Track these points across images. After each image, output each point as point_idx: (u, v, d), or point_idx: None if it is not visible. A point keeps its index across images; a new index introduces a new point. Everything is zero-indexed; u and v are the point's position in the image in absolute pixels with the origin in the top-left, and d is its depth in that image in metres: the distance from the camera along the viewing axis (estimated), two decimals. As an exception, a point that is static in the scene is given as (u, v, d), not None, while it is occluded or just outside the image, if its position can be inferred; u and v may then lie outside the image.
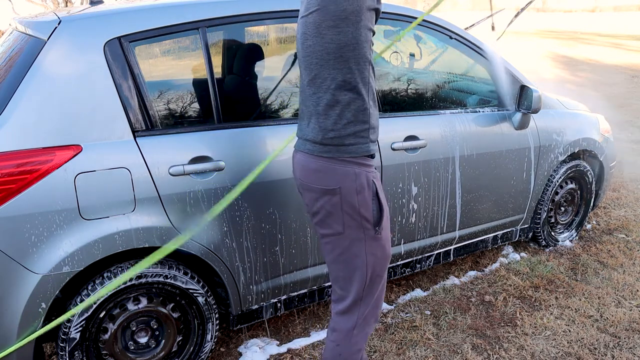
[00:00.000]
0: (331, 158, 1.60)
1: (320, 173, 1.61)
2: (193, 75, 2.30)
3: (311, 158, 1.63)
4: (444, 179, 2.62)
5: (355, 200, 1.59)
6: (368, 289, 1.68)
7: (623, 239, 3.53)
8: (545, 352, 2.36)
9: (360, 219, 1.61)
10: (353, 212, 1.60)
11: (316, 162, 1.62)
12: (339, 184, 1.59)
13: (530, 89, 2.78)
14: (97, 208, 1.84)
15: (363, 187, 1.59)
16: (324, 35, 1.53)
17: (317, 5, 1.53)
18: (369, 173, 1.62)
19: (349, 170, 1.59)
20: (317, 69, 1.57)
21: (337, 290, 1.73)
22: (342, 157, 1.59)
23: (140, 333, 2.07)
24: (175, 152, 1.97)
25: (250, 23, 2.29)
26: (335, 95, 1.56)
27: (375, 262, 1.66)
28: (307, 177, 1.66)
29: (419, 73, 3.33)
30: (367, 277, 1.66)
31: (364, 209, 1.60)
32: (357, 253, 1.64)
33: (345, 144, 1.58)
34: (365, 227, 1.62)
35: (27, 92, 1.77)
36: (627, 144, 5.91)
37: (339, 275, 1.69)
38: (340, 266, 1.67)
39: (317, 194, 1.64)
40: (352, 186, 1.59)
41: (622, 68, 11.38)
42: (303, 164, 1.67)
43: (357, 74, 1.55)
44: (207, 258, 2.07)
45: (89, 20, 1.91)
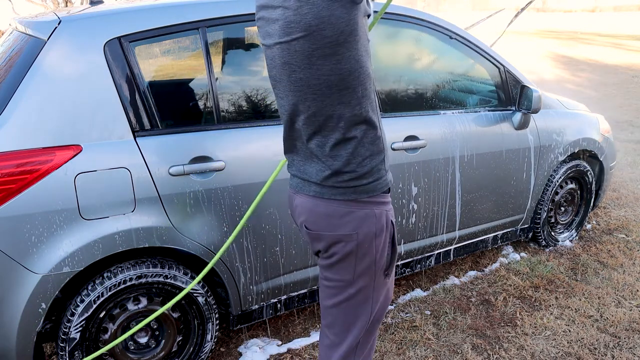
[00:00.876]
0: (346, 200, 1.36)
1: (332, 218, 1.37)
2: (193, 75, 2.29)
3: (320, 202, 1.38)
4: (444, 179, 2.62)
5: (373, 246, 1.39)
6: (366, 335, 1.51)
7: (623, 239, 3.53)
8: (545, 352, 2.36)
9: (375, 266, 1.42)
10: (369, 259, 1.40)
11: (327, 205, 1.37)
12: (356, 229, 1.36)
13: (530, 89, 2.78)
14: (97, 208, 1.84)
15: (382, 230, 1.39)
16: (319, 66, 1.24)
17: (301, 30, 1.21)
18: (388, 212, 1.41)
19: (368, 213, 1.37)
20: (317, 105, 1.29)
21: (329, 335, 1.51)
22: (360, 199, 1.36)
23: (140, 333, 2.07)
24: (175, 152, 1.97)
25: (250, 23, 2.29)
26: (345, 134, 1.31)
27: (379, 308, 1.49)
28: (315, 224, 1.40)
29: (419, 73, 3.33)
30: (368, 323, 1.48)
31: (379, 255, 1.41)
32: (362, 300, 1.45)
33: (363, 184, 1.35)
34: (377, 273, 1.43)
35: (27, 92, 1.77)
36: (627, 144, 5.91)
37: (336, 322, 1.49)
38: (341, 313, 1.47)
39: (328, 242, 1.39)
40: (371, 230, 1.37)
41: (622, 68, 11.38)
42: (309, 208, 1.41)
43: (366, 101, 1.31)
44: (207, 258, 2.07)
45: (89, 20, 1.91)
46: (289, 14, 1.22)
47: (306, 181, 1.41)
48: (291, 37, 1.24)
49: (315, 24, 1.20)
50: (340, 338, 1.50)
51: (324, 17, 1.19)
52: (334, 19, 1.19)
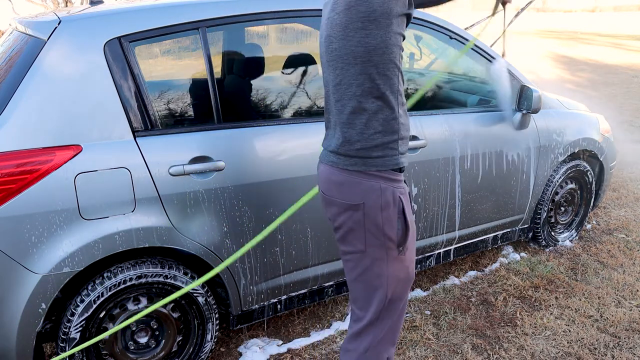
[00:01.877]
0: (356, 171, 1.47)
1: (343, 186, 1.49)
2: (193, 75, 2.30)
3: (335, 170, 1.51)
4: (443, 179, 2.62)
5: (379, 218, 1.47)
6: (386, 311, 1.57)
7: (623, 239, 3.53)
8: (545, 352, 2.36)
9: (384, 237, 1.49)
10: (376, 230, 1.48)
11: (340, 174, 1.49)
12: (363, 199, 1.46)
13: (530, 89, 2.78)
14: (97, 208, 1.84)
15: (388, 203, 1.47)
16: (351, 37, 1.40)
17: (344, 5, 1.41)
18: (395, 189, 1.48)
19: (374, 185, 1.46)
20: (342, 74, 1.45)
21: (355, 310, 1.62)
22: (368, 171, 1.46)
23: (140, 333, 2.07)
24: (175, 152, 1.97)
25: (250, 23, 2.29)
26: (361, 103, 1.43)
27: (397, 284, 1.55)
28: (329, 190, 1.53)
29: (419, 73, 3.34)
30: (386, 298, 1.55)
31: (387, 228, 1.48)
32: (378, 273, 1.53)
33: (372, 157, 1.45)
34: (388, 246, 1.50)
35: (27, 92, 1.77)
36: (627, 144, 5.91)
37: (359, 296, 1.58)
38: (360, 286, 1.56)
39: (340, 209, 1.51)
40: (376, 202, 1.46)
41: (622, 68, 11.38)
42: (326, 176, 1.55)
43: (386, 80, 1.43)
44: (207, 258, 2.07)
45: (89, 20, 1.91)
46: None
47: (328, 151, 1.54)
48: (335, 12, 1.44)
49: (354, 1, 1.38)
50: (363, 311, 1.58)
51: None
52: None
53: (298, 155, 2.19)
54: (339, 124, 1.48)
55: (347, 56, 1.42)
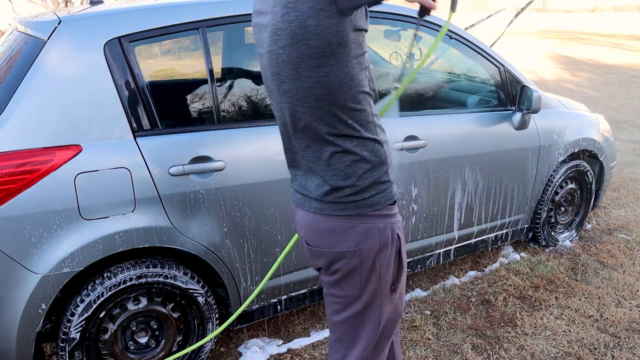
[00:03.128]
0: (348, 216, 1.29)
1: (334, 234, 1.31)
2: (193, 75, 2.30)
3: (320, 217, 1.31)
4: (443, 179, 2.62)
5: (377, 261, 1.33)
6: (374, 351, 1.48)
7: (623, 239, 3.53)
8: (545, 352, 2.36)
9: (379, 280, 1.37)
10: (373, 273, 1.35)
11: (327, 221, 1.31)
12: (359, 244, 1.30)
13: (530, 89, 2.78)
14: (97, 208, 1.84)
15: (387, 243, 1.33)
16: (306, 78, 1.18)
17: (289, 38, 1.15)
18: (393, 224, 1.34)
19: (372, 227, 1.30)
20: (307, 118, 1.23)
21: (339, 348, 1.48)
22: (363, 213, 1.29)
23: (140, 333, 2.07)
24: (175, 152, 1.97)
25: (250, 23, 2.29)
26: (339, 145, 1.24)
27: (387, 322, 1.46)
28: (315, 240, 1.34)
29: (419, 73, 3.33)
30: (375, 339, 1.45)
31: (384, 270, 1.36)
32: (370, 315, 1.41)
33: (365, 198, 1.28)
34: (382, 288, 1.38)
35: (27, 92, 1.77)
36: (627, 144, 5.91)
37: (345, 337, 1.45)
38: (349, 328, 1.44)
39: (331, 259, 1.34)
40: (374, 244, 1.31)
41: (622, 68, 11.38)
42: (309, 224, 1.35)
43: (360, 114, 1.24)
44: (207, 258, 2.07)
45: (89, 20, 1.91)
46: (277, 21, 1.17)
47: (306, 197, 1.34)
48: (278, 46, 1.19)
49: (300, 32, 1.14)
50: (348, 351, 1.46)
51: (310, 26, 1.13)
52: (320, 29, 1.13)
53: (298, 155, 2.19)
54: (318, 170, 1.28)
55: (307, 99, 1.21)
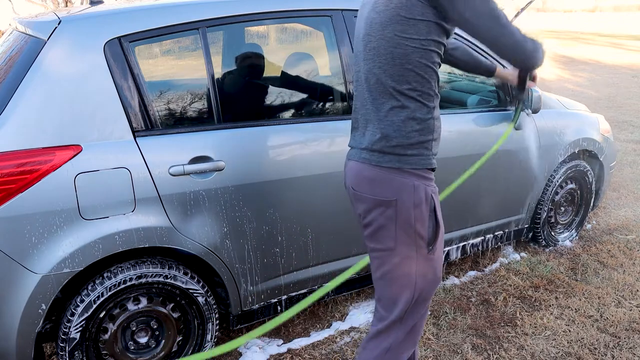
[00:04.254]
0: (390, 168, 1.45)
1: (375, 182, 1.47)
2: (193, 75, 2.29)
3: (367, 166, 1.49)
4: (443, 179, 2.61)
5: (412, 215, 1.45)
6: (410, 312, 1.54)
7: (623, 239, 3.53)
8: (545, 352, 2.36)
9: (415, 235, 1.47)
10: (408, 227, 1.46)
11: (372, 170, 1.48)
12: (396, 195, 1.44)
13: (530, 89, 2.78)
14: (97, 208, 1.84)
15: (421, 201, 1.45)
16: (389, 38, 1.41)
17: (384, 5, 1.42)
18: (428, 187, 1.47)
19: (408, 182, 1.45)
20: (380, 73, 1.45)
21: (379, 309, 1.58)
22: (403, 168, 1.45)
23: (140, 333, 2.07)
24: (175, 152, 1.97)
25: (250, 23, 2.29)
26: (400, 101, 1.44)
27: (425, 284, 1.52)
28: (359, 185, 1.51)
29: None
30: (413, 299, 1.51)
31: (419, 225, 1.46)
32: (407, 272, 1.50)
33: (407, 154, 1.45)
34: (418, 244, 1.48)
35: (27, 92, 1.77)
36: (627, 144, 5.91)
37: (384, 294, 1.55)
38: (387, 284, 1.53)
39: (370, 205, 1.49)
40: (409, 199, 1.44)
41: (622, 68, 11.38)
42: (356, 172, 1.52)
43: (424, 82, 1.44)
44: (207, 258, 2.07)
45: (89, 20, 1.91)
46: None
47: (359, 149, 1.53)
48: (375, 11, 1.44)
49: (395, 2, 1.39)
50: (387, 311, 1.55)
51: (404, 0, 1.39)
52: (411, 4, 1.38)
53: (298, 155, 2.19)
54: (376, 120, 1.48)
55: (386, 56, 1.43)
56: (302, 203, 2.23)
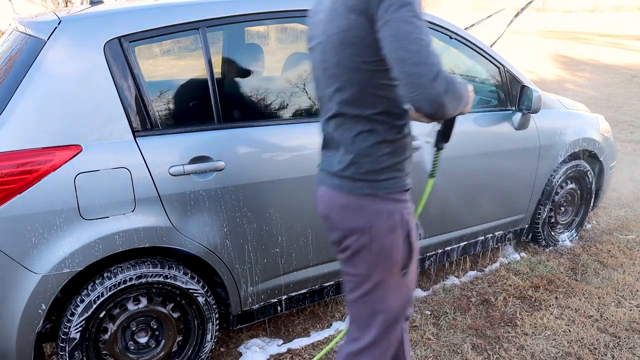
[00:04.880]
0: (362, 195, 1.40)
1: (348, 210, 1.41)
2: (193, 75, 2.29)
3: (338, 193, 1.43)
4: (443, 179, 2.61)
5: (386, 241, 1.41)
6: (385, 334, 1.51)
7: (623, 239, 3.53)
8: (545, 352, 2.36)
9: (389, 261, 1.44)
10: (382, 253, 1.42)
11: (344, 197, 1.42)
12: (370, 222, 1.39)
13: (530, 89, 2.78)
14: (97, 208, 1.84)
15: (396, 226, 1.41)
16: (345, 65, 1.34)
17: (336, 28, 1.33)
18: (403, 210, 1.42)
19: (382, 208, 1.40)
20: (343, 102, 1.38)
21: (353, 330, 1.55)
22: (376, 194, 1.39)
23: (140, 333, 2.07)
24: (175, 152, 1.97)
25: (250, 23, 2.29)
26: (368, 126, 1.37)
27: (398, 306, 1.50)
28: (331, 214, 1.46)
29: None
30: (386, 322, 1.50)
31: (394, 251, 1.43)
32: (381, 296, 1.47)
33: (380, 179, 1.39)
34: (392, 269, 1.45)
35: (27, 92, 1.77)
36: (627, 144, 5.91)
37: (358, 316, 1.52)
38: (361, 307, 1.50)
39: (344, 233, 1.44)
40: (384, 225, 1.40)
41: (622, 68, 11.39)
42: (328, 200, 1.46)
43: (389, 103, 1.37)
44: (207, 258, 2.07)
45: (89, 20, 1.91)
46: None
47: (329, 173, 1.47)
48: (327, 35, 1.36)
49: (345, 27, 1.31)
50: (360, 333, 1.52)
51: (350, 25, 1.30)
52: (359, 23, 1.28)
53: (298, 155, 2.19)
54: (344, 145, 1.41)
55: (345, 83, 1.35)
56: (302, 203, 2.23)
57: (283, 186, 2.17)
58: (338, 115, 1.41)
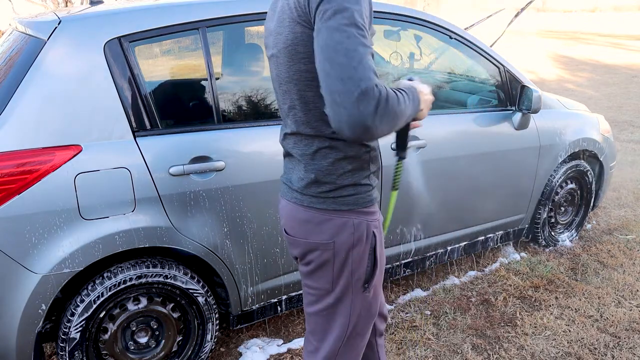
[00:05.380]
0: (325, 210, 1.30)
1: (310, 225, 1.32)
2: (193, 75, 2.30)
3: (300, 207, 1.33)
4: (443, 179, 2.61)
5: (350, 256, 1.33)
6: (345, 347, 1.45)
7: (623, 239, 3.53)
8: (545, 352, 2.36)
9: (351, 276, 1.36)
10: (344, 268, 1.35)
11: (305, 212, 1.32)
12: (333, 237, 1.30)
13: (530, 89, 2.78)
14: (97, 208, 1.84)
15: (361, 240, 1.32)
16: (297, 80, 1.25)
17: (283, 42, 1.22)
18: (370, 222, 1.34)
19: (347, 222, 1.30)
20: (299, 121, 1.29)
21: (312, 340, 1.49)
22: (340, 209, 1.30)
23: (140, 333, 2.07)
24: (175, 152, 1.97)
25: (250, 23, 2.29)
26: (327, 142, 1.27)
27: (358, 321, 1.43)
28: (293, 229, 1.36)
29: (418, 73, 3.33)
30: (345, 335, 1.43)
31: (356, 266, 1.35)
32: (340, 311, 1.41)
33: (343, 195, 1.29)
34: (355, 284, 1.37)
35: (27, 92, 1.77)
36: (627, 144, 5.91)
37: (317, 329, 1.46)
38: (321, 320, 1.44)
39: (306, 248, 1.35)
40: (348, 240, 1.31)
41: (622, 68, 11.39)
42: (289, 214, 1.37)
43: None
44: (207, 258, 2.07)
45: (89, 20, 1.91)
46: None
47: (289, 187, 1.37)
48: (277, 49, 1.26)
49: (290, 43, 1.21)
50: (320, 344, 1.46)
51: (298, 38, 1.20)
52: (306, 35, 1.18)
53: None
54: (303, 162, 1.31)
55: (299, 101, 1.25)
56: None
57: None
58: (295, 134, 1.32)
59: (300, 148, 1.31)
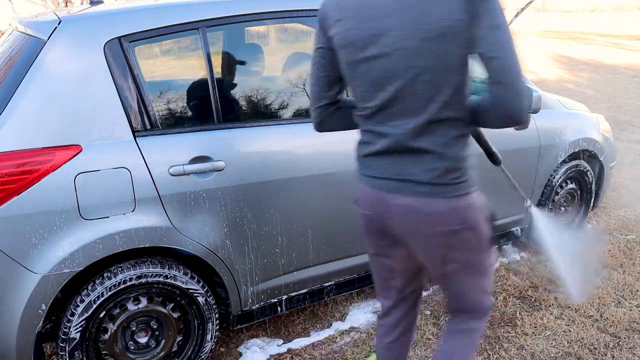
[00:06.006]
0: (455, 197, 1.35)
1: (445, 214, 1.35)
2: (193, 75, 2.29)
3: (430, 200, 1.34)
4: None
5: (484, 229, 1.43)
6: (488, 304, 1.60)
7: (623, 239, 3.53)
8: (545, 352, 2.36)
9: (486, 242, 1.46)
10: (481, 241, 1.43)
11: (436, 203, 1.34)
12: (469, 219, 1.38)
13: (530, 89, 2.77)
14: (97, 208, 1.84)
15: (484, 211, 1.44)
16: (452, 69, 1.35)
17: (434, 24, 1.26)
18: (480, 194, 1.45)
19: (474, 200, 1.40)
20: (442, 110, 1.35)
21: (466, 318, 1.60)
22: (469, 191, 1.38)
23: (140, 333, 2.07)
24: (175, 152, 1.97)
25: (250, 23, 2.29)
26: (461, 129, 1.38)
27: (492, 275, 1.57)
28: (423, 222, 1.37)
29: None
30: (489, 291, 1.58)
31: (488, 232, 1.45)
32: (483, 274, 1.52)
33: (470, 178, 1.40)
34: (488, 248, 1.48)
35: (27, 92, 1.77)
36: (627, 144, 5.91)
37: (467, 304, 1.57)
38: (473, 290, 1.53)
39: (444, 238, 1.38)
40: (480, 216, 1.41)
41: (622, 68, 11.39)
42: (413, 209, 1.36)
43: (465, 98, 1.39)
44: (207, 258, 2.07)
45: (89, 20, 1.91)
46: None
47: (408, 181, 1.36)
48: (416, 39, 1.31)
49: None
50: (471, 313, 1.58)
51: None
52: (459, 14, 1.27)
53: (298, 155, 2.19)
54: (433, 152, 1.33)
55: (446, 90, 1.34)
56: (302, 203, 2.23)
57: (283, 186, 2.17)
58: (430, 122, 1.32)
59: (433, 137, 1.34)
